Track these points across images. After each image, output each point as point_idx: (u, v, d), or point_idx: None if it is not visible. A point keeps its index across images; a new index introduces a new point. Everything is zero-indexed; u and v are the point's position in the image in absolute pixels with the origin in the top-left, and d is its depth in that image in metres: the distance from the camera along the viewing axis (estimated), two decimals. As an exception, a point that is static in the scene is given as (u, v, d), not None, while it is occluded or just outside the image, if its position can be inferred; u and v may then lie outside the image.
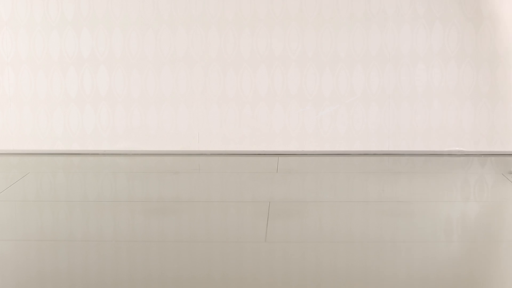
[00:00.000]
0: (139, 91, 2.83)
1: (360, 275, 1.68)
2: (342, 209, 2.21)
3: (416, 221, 2.04)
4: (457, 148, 2.81)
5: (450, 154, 2.80)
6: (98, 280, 1.66)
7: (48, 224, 2.07)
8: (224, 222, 2.08)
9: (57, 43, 2.82)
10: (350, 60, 2.78)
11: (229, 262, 1.77)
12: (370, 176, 2.53)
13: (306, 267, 1.73)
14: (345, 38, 2.78)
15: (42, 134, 2.86)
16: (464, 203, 2.23)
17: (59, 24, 2.81)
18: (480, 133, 2.80)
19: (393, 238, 1.92)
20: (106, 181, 2.51)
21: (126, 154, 2.84)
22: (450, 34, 2.77)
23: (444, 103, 2.80)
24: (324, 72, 2.77)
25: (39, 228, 2.03)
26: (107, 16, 2.80)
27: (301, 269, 1.72)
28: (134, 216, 2.11)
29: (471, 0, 2.75)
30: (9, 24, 2.82)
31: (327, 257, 1.81)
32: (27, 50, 2.82)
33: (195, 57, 2.81)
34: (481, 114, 2.80)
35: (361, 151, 2.82)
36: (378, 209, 2.14)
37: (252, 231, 1.97)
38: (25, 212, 2.16)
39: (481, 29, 2.76)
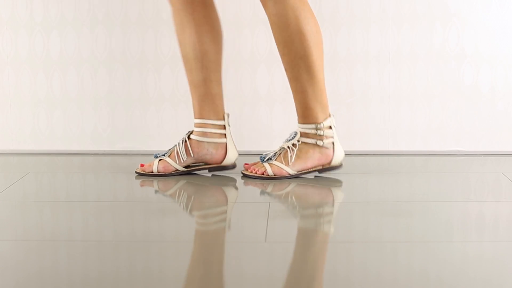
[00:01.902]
0: (139, 91, 2.83)
1: (360, 275, 1.68)
2: (342, 209, 2.21)
3: (416, 221, 2.04)
4: (457, 148, 2.81)
5: (450, 154, 2.80)
6: (98, 280, 1.66)
7: (48, 224, 2.07)
8: (224, 222, 2.08)
9: (57, 43, 2.82)
10: (350, 59, 2.78)
11: (229, 262, 1.77)
12: (370, 176, 2.53)
13: (305, 267, 1.73)
14: (344, 38, 2.78)
15: (42, 134, 2.86)
16: (465, 203, 2.23)
17: (59, 24, 2.81)
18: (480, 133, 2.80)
19: (393, 238, 1.92)
20: (106, 181, 2.51)
21: (126, 154, 2.84)
22: (451, 33, 2.77)
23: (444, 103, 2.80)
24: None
25: (39, 228, 2.03)
26: (107, 16, 2.80)
27: (301, 269, 1.72)
28: (134, 216, 2.11)
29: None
30: (9, 24, 2.82)
31: (327, 258, 1.81)
32: (27, 50, 2.82)
33: (195, 57, 2.81)
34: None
35: (361, 151, 2.82)
36: (378, 210, 2.14)
37: (252, 231, 1.97)
38: (25, 212, 2.16)
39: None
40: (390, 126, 2.82)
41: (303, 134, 2.42)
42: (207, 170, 2.49)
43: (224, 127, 2.47)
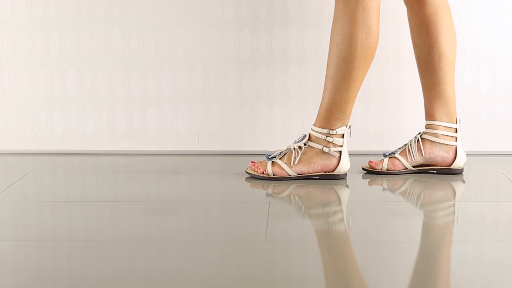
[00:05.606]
0: (139, 91, 2.84)
1: (360, 275, 1.68)
2: (342, 209, 2.21)
3: (416, 221, 2.04)
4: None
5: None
6: (98, 280, 1.66)
7: (48, 224, 2.07)
8: (224, 222, 2.08)
9: (57, 43, 2.82)
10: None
11: (229, 262, 1.77)
12: (370, 176, 2.53)
13: (305, 267, 1.73)
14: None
15: (42, 134, 2.86)
16: (465, 203, 2.23)
17: (59, 24, 2.81)
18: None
19: (393, 238, 1.92)
20: (106, 181, 2.51)
21: (126, 154, 2.84)
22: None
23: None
24: (323, 72, 2.77)
25: (39, 228, 2.03)
26: (107, 16, 2.80)
27: (301, 269, 1.72)
28: (134, 216, 2.11)
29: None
30: (9, 24, 2.82)
31: (327, 258, 1.81)
32: (27, 50, 2.83)
33: (195, 57, 2.81)
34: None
35: (361, 151, 2.82)
36: (378, 210, 2.14)
37: (252, 231, 1.97)
38: (25, 212, 2.17)
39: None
40: (390, 126, 2.82)
41: (312, 138, 2.41)
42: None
43: (456, 131, 2.48)
